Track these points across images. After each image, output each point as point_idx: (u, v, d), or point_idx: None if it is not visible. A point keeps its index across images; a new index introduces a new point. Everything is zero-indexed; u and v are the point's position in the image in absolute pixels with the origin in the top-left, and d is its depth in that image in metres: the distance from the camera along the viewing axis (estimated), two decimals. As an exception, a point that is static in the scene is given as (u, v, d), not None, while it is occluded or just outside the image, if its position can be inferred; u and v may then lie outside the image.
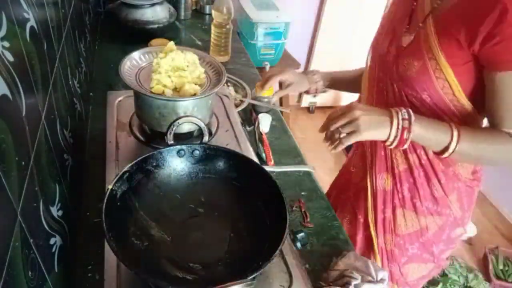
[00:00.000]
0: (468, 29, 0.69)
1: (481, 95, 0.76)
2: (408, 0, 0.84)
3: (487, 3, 0.65)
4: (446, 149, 0.74)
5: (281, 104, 2.32)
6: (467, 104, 0.78)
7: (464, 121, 0.80)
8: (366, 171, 1.02)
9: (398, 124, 0.72)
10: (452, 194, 0.92)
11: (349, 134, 0.74)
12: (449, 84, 0.75)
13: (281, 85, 1.12)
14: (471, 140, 0.73)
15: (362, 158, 1.05)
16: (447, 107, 0.79)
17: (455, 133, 0.73)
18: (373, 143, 0.98)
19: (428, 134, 0.74)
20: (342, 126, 0.74)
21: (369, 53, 0.97)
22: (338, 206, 1.13)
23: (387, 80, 0.87)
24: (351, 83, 1.09)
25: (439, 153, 0.77)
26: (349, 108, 0.74)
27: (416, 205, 0.94)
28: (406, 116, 0.73)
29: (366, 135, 0.73)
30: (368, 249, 1.06)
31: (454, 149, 0.73)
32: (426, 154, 0.88)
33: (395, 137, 0.73)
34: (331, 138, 0.77)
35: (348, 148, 1.13)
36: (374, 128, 0.73)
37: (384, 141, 0.75)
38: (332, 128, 0.75)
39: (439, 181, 0.90)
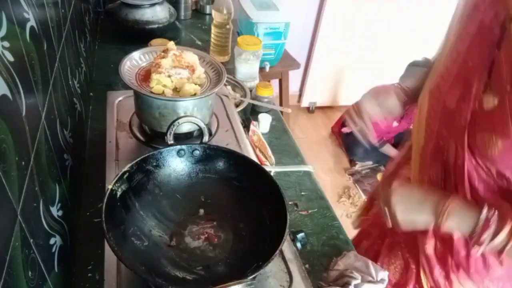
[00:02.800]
0: None
1: None
2: (486, 45, 0.64)
3: None
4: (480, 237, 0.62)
5: (281, 104, 2.32)
6: None
7: None
8: None
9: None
10: None
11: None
12: None
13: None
14: None
15: None
16: None
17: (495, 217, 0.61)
18: None
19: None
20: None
21: (424, 97, 0.81)
22: (382, 249, 0.98)
23: (451, 142, 0.72)
24: None
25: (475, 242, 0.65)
26: (387, 193, 0.70)
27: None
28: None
29: (403, 224, 0.69)
30: None
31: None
32: None
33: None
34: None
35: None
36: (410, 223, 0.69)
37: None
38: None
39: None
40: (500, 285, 0.79)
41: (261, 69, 1.92)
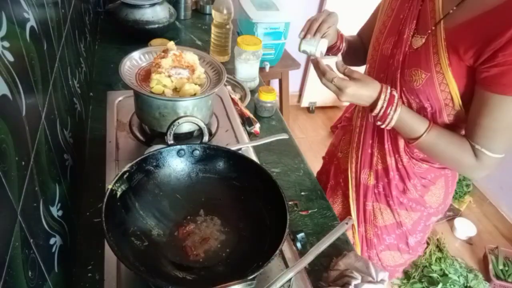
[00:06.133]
0: (476, 48, 0.70)
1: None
2: (413, 0, 0.83)
3: (500, 26, 0.66)
4: (417, 137, 0.81)
5: (281, 104, 2.32)
6: (462, 112, 0.80)
7: (455, 125, 0.84)
8: (349, 159, 1.07)
9: (384, 100, 0.79)
10: (434, 185, 0.96)
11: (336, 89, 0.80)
12: (451, 96, 0.78)
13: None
14: (438, 135, 0.80)
15: (349, 144, 1.08)
16: (444, 114, 0.82)
17: (430, 125, 0.80)
18: (361, 140, 1.01)
19: (408, 120, 0.80)
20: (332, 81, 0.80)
21: (370, 51, 0.96)
22: (330, 190, 1.18)
23: (388, 83, 0.87)
24: (355, 54, 1.10)
25: (410, 140, 0.83)
26: (342, 82, 0.79)
27: (389, 203, 1.01)
28: (395, 97, 0.79)
29: (345, 100, 0.82)
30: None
31: (422, 137, 0.80)
32: (402, 161, 0.93)
33: (380, 109, 0.79)
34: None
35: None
36: (356, 100, 0.81)
37: (370, 110, 0.82)
38: (323, 82, 0.82)
39: (414, 185, 0.95)
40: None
41: (261, 69, 1.92)
